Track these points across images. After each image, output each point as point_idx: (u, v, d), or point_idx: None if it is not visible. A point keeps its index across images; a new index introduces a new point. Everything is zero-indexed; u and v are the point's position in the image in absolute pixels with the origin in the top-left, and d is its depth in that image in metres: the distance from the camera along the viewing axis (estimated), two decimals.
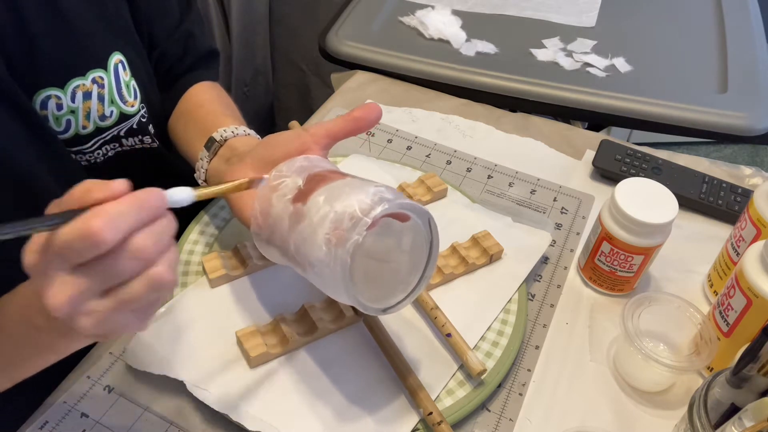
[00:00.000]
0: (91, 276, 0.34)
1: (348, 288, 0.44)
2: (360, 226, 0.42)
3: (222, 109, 0.67)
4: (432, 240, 0.48)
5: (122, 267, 0.35)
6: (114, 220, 0.33)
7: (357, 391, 0.54)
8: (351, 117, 0.52)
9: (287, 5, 1.45)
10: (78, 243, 0.33)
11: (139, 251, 0.34)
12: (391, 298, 0.49)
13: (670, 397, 0.58)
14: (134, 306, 0.36)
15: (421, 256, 0.48)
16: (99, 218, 0.33)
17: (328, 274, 0.44)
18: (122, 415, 0.53)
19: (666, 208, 0.59)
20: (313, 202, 0.46)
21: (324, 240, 0.44)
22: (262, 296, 0.61)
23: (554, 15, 1.07)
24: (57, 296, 0.34)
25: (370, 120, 0.53)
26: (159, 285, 0.36)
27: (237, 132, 0.61)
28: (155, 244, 0.35)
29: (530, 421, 0.56)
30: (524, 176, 0.79)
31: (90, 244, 0.33)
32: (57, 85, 0.55)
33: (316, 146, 0.53)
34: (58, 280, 0.34)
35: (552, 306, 0.65)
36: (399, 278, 0.49)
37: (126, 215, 0.34)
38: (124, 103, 0.60)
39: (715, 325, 0.58)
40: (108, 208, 0.34)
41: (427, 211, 0.46)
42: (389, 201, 0.44)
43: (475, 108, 0.90)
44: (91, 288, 0.35)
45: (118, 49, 0.59)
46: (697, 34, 1.04)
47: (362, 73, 0.95)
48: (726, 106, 0.87)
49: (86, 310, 0.35)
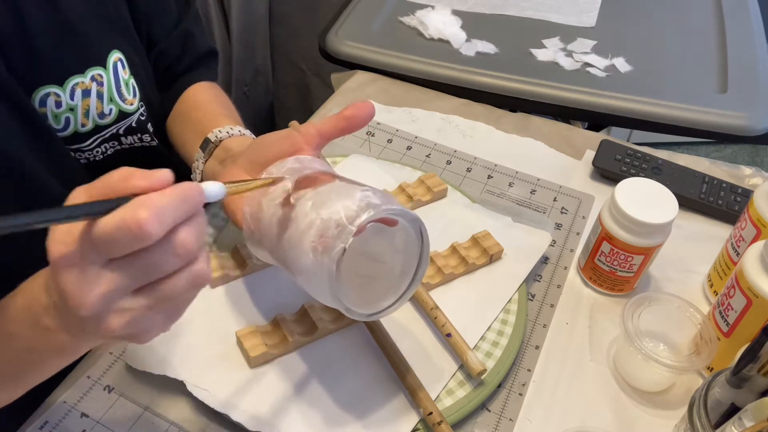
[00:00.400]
0: (128, 272, 0.33)
1: (334, 294, 0.44)
2: (345, 234, 0.42)
3: (219, 110, 0.67)
4: (423, 245, 0.47)
5: (165, 262, 0.33)
6: (160, 213, 0.31)
7: (357, 391, 0.54)
8: (342, 116, 0.51)
9: (287, 5, 1.44)
10: (121, 235, 0.31)
11: (183, 246, 0.33)
12: (381, 301, 0.48)
13: (670, 397, 0.58)
14: (172, 304, 0.35)
15: (412, 259, 0.48)
16: (146, 209, 0.31)
17: (316, 281, 0.44)
18: (122, 415, 0.53)
19: (666, 208, 0.59)
20: (300, 207, 0.45)
21: (310, 248, 0.43)
22: (262, 296, 0.61)
23: (554, 15, 1.07)
24: (89, 293, 0.32)
25: (362, 118, 0.51)
26: (202, 281, 0.35)
27: (232, 132, 0.61)
28: (197, 239, 0.34)
29: (530, 421, 0.56)
30: (524, 176, 0.79)
31: (134, 237, 0.31)
32: (56, 83, 0.55)
33: (308, 146, 0.52)
34: (91, 275, 0.32)
35: (552, 306, 0.65)
36: (392, 279, 0.49)
37: (171, 208, 0.32)
38: (123, 101, 0.60)
39: (715, 325, 0.58)
40: (154, 200, 0.32)
41: (416, 217, 0.46)
42: (376, 207, 0.43)
43: (475, 108, 0.90)
44: (127, 285, 0.33)
45: (117, 47, 0.59)
46: (697, 34, 1.04)
47: (362, 73, 0.95)
48: (726, 106, 0.87)
49: (118, 308, 0.33)
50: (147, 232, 0.31)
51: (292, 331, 0.56)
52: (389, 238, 0.48)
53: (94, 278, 0.32)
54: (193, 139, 0.63)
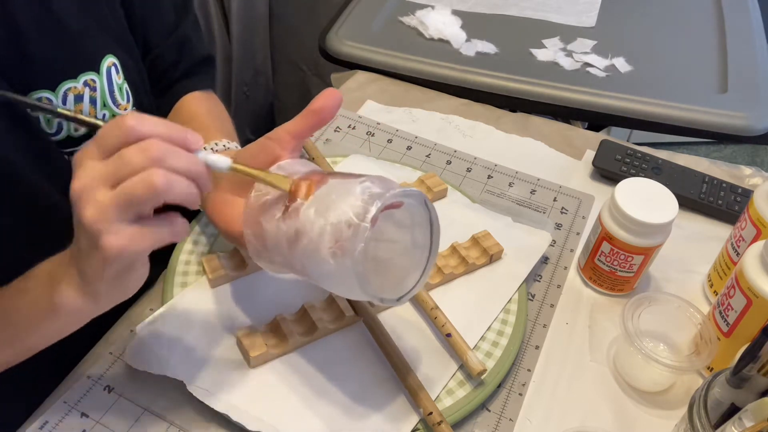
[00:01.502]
0: (109, 162, 0.39)
1: (365, 290, 0.44)
2: (361, 232, 0.42)
3: (212, 124, 0.66)
4: (431, 217, 0.47)
5: (129, 155, 0.38)
6: (144, 119, 0.39)
7: (357, 391, 0.54)
8: (311, 110, 0.50)
9: (287, 5, 1.45)
10: (109, 127, 0.39)
11: (147, 146, 0.38)
12: (406, 280, 0.48)
13: (670, 397, 0.58)
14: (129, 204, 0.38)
15: (424, 234, 0.48)
16: (133, 116, 0.39)
17: (342, 282, 0.44)
18: (122, 415, 0.53)
19: (666, 208, 0.59)
20: (304, 216, 0.45)
21: (329, 254, 0.43)
22: (262, 296, 0.61)
23: (554, 15, 1.07)
24: (79, 175, 0.39)
25: (331, 107, 0.50)
26: (147, 185, 0.38)
27: (216, 148, 0.60)
28: (166, 151, 0.39)
29: (530, 421, 0.56)
30: (524, 176, 0.79)
31: (118, 128, 0.39)
32: (48, 88, 0.54)
33: (284, 151, 0.50)
34: (88, 164, 0.39)
35: (552, 306, 0.65)
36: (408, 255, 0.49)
37: (157, 124, 0.39)
38: (117, 106, 0.60)
39: (715, 325, 0.58)
40: (144, 115, 0.39)
41: (419, 192, 0.46)
42: (380, 197, 0.43)
43: (475, 108, 0.90)
44: (107, 173, 0.39)
45: (111, 52, 0.59)
46: (697, 34, 1.04)
47: (362, 73, 0.95)
48: (726, 106, 0.87)
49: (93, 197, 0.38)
50: (128, 125, 0.39)
51: (292, 331, 0.56)
52: (391, 218, 0.48)
53: (87, 166, 0.39)
54: None
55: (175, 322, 0.58)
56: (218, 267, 0.61)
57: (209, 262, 0.61)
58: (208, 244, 0.65)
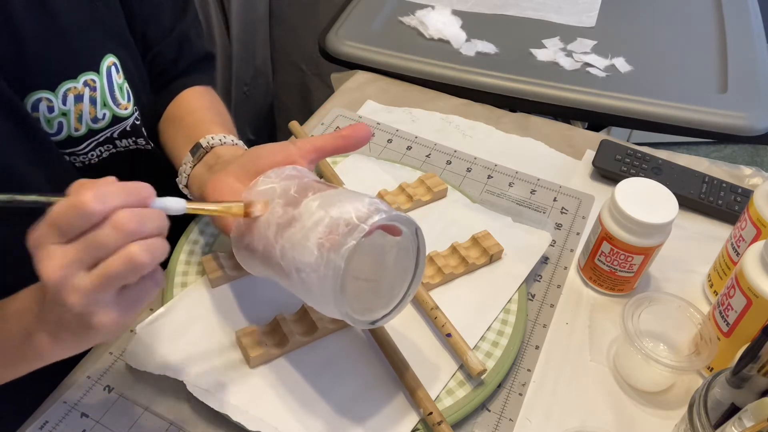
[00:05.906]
0: (80, 247, 0.37)
1: (337, 297, 0.44)
2: (357, 231, 0.42)
3: (213, 117, 0.66)
4: (419, 252, 0.48)
5: (106, 237, 0.37)
6: (102, 195, 0.36)
7: (357, 391, 0.55)
8: (339, 134, 0.53)
9: (287, 5, 1.45)
10: (70, 213, 0.36)
11: (120, 223, 0.37)
12: (378, 311, 0.49)
13: (670, 397, 0.58)
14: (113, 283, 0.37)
15: (406, 271, 0.49)
16: (89, 191, 0.36)
17: (316, 280, 0.44)
18: (122, 415, 0.53)
19: (666, 208, 0.59)
20: (305, 207, 0.46)
21: (316, 244, 0.43)
22: (262, 296, 0.61)
23: (554, 15, 1.07)
24: (49, 264, 0.37)
25: (359, 139, 0.53)
26: (131, 262, 0.37)
27: (225, 141, 0.60)
28: (138, 222, 0.37)
29: (530, 421, 0.56)
30: (524, 176, 0.79)
31: (78, 213, 0.36)
32: (48, 88, 0.54)
33: (303, 159, 0.52)
34: (52, 250, 0.37)
35: (552, 306, 0.65)
36: (384, 294, 0.49)
37: (114, 194, 0.37)
38: (117, 105, 0.60)
39: (715, 325, 0.58)
40: (100, 185, 0.37)
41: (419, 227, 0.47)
42: (386, 212, 0.44)
43: (475, 108, 0.90)
44: (80, 258, 0.37)
45: (111, 51, 0.59)
46: (697, 34, 1.04)
47: (362, 73, 0.95)
48: (726, 106, 0.87)
49: (73, 284, 0.37)
50: (90, 209, 0.36)
51: (292, 331, 0.56)
52: (380, 256, 0.49)
53: (54, 253, 0.37)
54: (184, 143, 0.62)
55: (175, 322, 0.58)
56: (218, 267, 0.61)
57: (209, 262, 0.61)
58: (208, 244, 0.65)
